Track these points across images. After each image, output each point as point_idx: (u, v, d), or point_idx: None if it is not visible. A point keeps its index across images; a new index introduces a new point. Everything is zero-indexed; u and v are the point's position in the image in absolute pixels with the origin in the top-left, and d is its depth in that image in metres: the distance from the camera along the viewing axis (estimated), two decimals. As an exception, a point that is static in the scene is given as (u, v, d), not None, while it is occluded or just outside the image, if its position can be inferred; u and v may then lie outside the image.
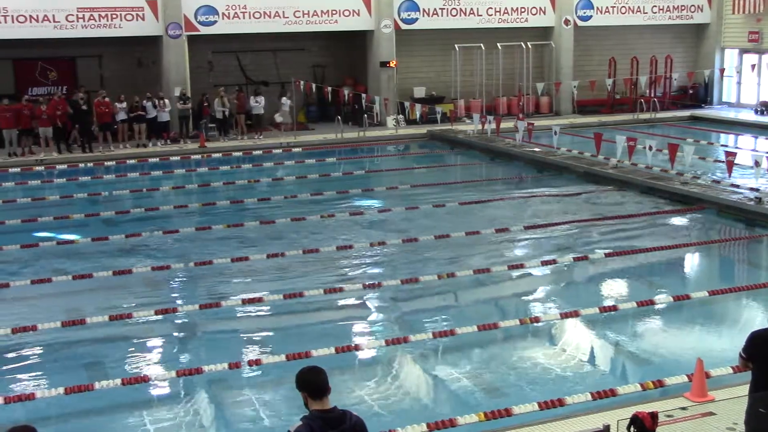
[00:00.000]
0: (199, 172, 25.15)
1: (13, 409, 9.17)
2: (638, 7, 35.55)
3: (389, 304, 13.25)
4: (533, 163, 24.57)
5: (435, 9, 33.12)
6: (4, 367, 10.81)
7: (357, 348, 10.98)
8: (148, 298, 13.39)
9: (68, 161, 26.44)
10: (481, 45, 33.37)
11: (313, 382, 5.45)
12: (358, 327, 12.33)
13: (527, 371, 10.35)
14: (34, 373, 10.66)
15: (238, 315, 12.60)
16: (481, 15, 33.60)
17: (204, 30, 30.40)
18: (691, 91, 36.48)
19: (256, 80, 33.49)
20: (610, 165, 22.01)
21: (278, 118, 30.33)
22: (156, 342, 11.84)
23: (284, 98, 30.44)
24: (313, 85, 31.62)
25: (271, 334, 12.02)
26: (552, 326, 11.88)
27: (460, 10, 33.35)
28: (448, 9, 33.26)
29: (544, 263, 14.69)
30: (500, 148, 26.53)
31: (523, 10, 34.15)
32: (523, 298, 13.44)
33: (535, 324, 11.80)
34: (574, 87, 34.47)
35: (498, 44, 33.54)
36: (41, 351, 11.33)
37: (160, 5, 29.52)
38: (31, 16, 28.12)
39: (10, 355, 11.16)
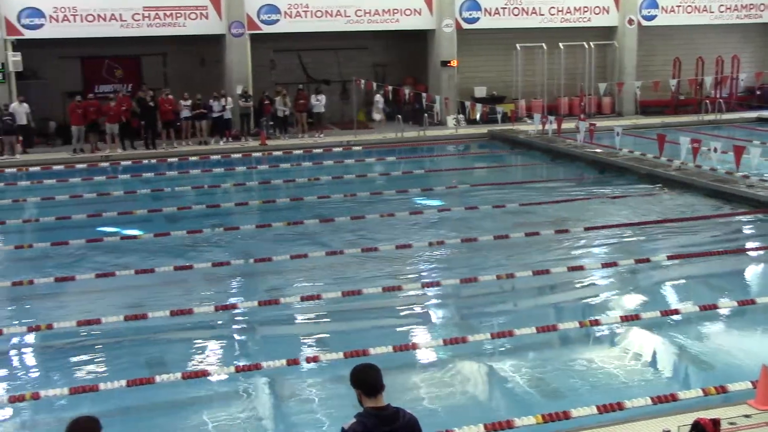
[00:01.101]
0: (259, 169, 25.38)
1: (77, 400, 9.33)
2: (705, 6, 34.97)
3: (447, 304, 13.22)
4: (594, 164, 24.30)
5: (497, 8, 32.97)
6: (70, 359, 11.02)
7: (415, 347, 10.96)
8: (208, 294, 13.54)
9: (132, 157, 26.89)
10: (543, 45, 33.12)
11: (367, 380, 5.45)
12: (416, 326, 12.32)
13: (586, 374, 10.24)
14: (97, 366, 10.86)
15: (297, 312, 12.67)
16: (543, 14, 33.37)
17: (266, 29, 30.66)
18: (758, 92, 35.72)
19: (317, 79, 33.67)
20: (674, 167, 21.69)
21: (376, 116, 30.39)
22: (215, 338, 11.95)
23: (378, 96, 30.46)
24: (374, 84, 31.67)
25: (329, 331, 12.06)
26: (612, 329, 11.72)
27: (522, 9, 33.15)
28: (509, 8, 33.09)
29: (605, 265, 14.52)
30: (561, 149, 26.30)
31: (586, 9, 33.83)
32: (583, 300, 13.31)
33: (595, 327, 11.65)
34: (637, 87, 34.03)
35: (560, 44, 33.26)
36: (104, 344, 11.52)
37: (224, 4, 29.85)
38: (99, 15, 28.66)
39: (75, 347, 11.38)
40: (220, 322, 12.32)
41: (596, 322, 11.75)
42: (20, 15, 28.18)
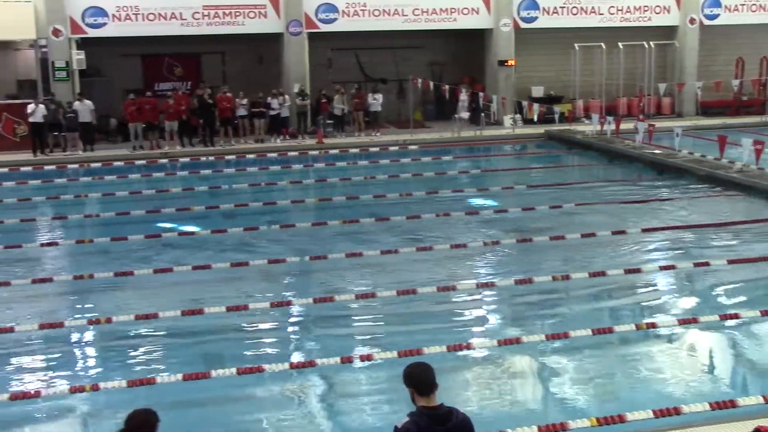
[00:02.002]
0: (316, 167, 25.49)
1: (135, 392, 9.47)
2: (770, 4, 34.29)
3: (502, 304, 13.16)
4: (653, 165, 23.97)
5: (555, 7, 32.73)
6: (128, 353, 11.20)
7: (468, 347, 10.91)
8: (263, 290, 13.65)
9: (191, 154, 27.20)
10: (602, 44, 32.77)
11: (420, 378, 5.45)
12: (470, 326, 12.29)
13: (642, 377, 10.11)
14: (154, 359, 11.01)
15: (351, 310, 12.71)
16: (602, 14, 33.05)
17: (324, 27, 30.81)
18: (824, 93, 34.96)
19: (374, 78, 33.73)
20: (735, 169, 21.32)
21: (464, 114, 30.41)
22: (270, 334, 12.04)
23: (463, 95, 30.47)
24: (431, 83, 31.63)
25: (382, 330, 12.08)
26: (670, 333, 11.56)
27: (581, 8, 32.86)
28: (568, 7, 32.83)
29: (663, 268, 14.32)
30: (619, 150, 26.01)
31: (646, 9, 33.41)
32: (640, 302, 13.15)
33: (652, 330, 11.50)
34: (698, 88, 33.52)
35: (619, 44, 32.88)
36: (161, 338, 11.68)
37: (282, 3, 30.07)
38: (160, 14, 29.06)
39: (133, 341, 11.56)
40: (275, 319, 12.41)
41: (653, 325, 11.60)
42: (84, 14, 28.70)
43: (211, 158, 26.71)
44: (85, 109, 27.34)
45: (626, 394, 9.63)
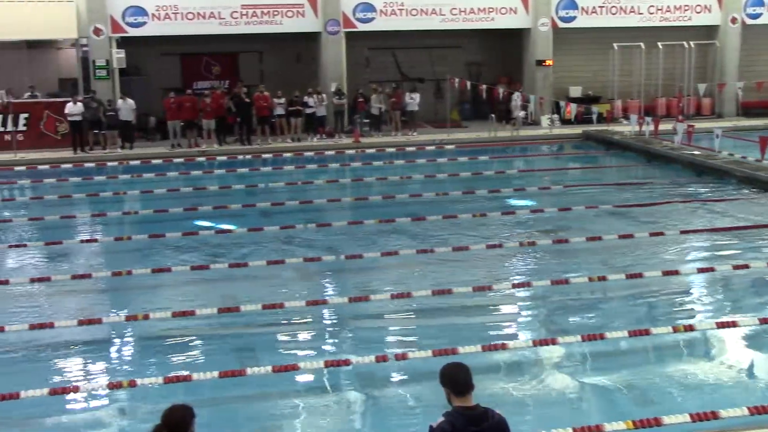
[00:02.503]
0: (352, 166, 25.53)
1: (171, 389, 9.54)
2: (817, 3, 33.78)
3: (538, 305, 13.10)
4: (692, 166, 23.74)
5: (594, 7, 32.53)
6: (164, 349, 11.29)
7: (504, 347, 10.87)
8: (299, 288, 13.70)
9: (228, 153, 27.38)
10: (641, 44, 32.52)
11: (457, 379, 5.44)
12: (506, 326, 12.26)
13: (679, 380, 10.01)
14: (190, 356, 11.10)
15: (387, 309, 12.71)
16: (641, 13, 32.79)
17: (362, 27, 30.87)
18: None
19: (411, 77, 33.73)
20: (776, 170, 21.06)
21: (520, 114, 30.36)
22: (306, 332, 12.10)
23: (516, 94, 30.40)
24: (468, 83, 31.55)
25: (418, 329, 12.08)
26: (707, 335, 11.44)
27: (620, 8, 32.63)
28: (607, 7, 32.61)
29: (701, 270, 14.16)
30: (658, 150, 25.78)
31: (686, 8, 33.09)
32: (677, 305, 13.01)
33: (690, 332, 11.39)
34: (739, 88, 33.14)
35: (659, 43, 32.60)
36: (198, 335, 11.78)
37: (320, 2, 30.18)
38: (198, 13, 29.28)
39: (170, 337, 11.65)
40: (310, 317, 12.45)
41: (690, 328, 11.49)
42: (125, 13, 29.00)
43: (248, 157, 26.86)
44: (126, 108, 27.64)
45: (663, 397, 9.55)
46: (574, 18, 32.57)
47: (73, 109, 27.00)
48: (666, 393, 9.68)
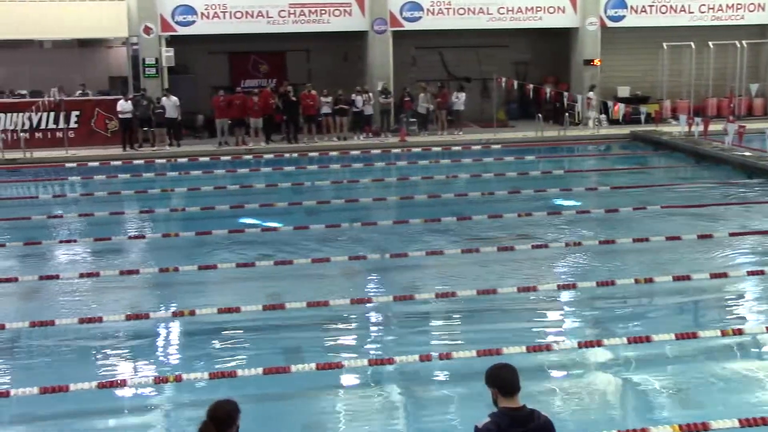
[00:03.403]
0: (398, 165, 25.53)
1: (216, 384, 9.63)
2: None
3: (583, 306, 13.00)
4: (742, 167, 23.37)
5: (643, 6, 32.18)
6: (210, 345, 11.39)
7: (548, 348, 10.82)
8: (344, 287, 13.75)
9: (275, 151, 27.55)
10: (692, 44, 32.12)
11: (504, 379, 5.43)
12: (551, 327, 12.18)
13: (727, 384, 9.88)
14: (236, 352, 11.19)
15: (431, 308, 12.70)
16: (692, 12, 32.37)
17: (409, 26, 30.87)
18: None
19: (457, 76, 33.66)
20: (829, 172, 20.68)
21: (592, 114, 30.20)
22: (350, 330, 12.12)
23: (591, 92, 30.22)
24: (515, 83, 31.40)
25: (462, 328, 12.06)
26: (757, 339, 11.27)
27: (670, 7, 32.24)
28: (657, 6, 32.25)
29: (750, 273, 13.94)
30: (707, 151, 25.44)
31: (739, 6, 32.60)
32: (726, 308, 12.82)
33: (738, 336, 11.21)
34: (793, 88, 32.59)
35: (710, 43, 32.16)
36: (243, 332, 11.86)
37: (367, 1, 30.26)
38: (246, 12, 29.50)
39: (215, 334, 11.75)
40: (355, 315, 12.47)
41: (739, 332, 11.30)
42: (174, 12, 29.31)
43: (295, 155, 26.99)
44: (171, 105, 27.95)
45: (710, 402, 9.42)
46: (623, 17, 32.26)
47: (125, 106, 27.37)
48: (714, 397, 9.56)
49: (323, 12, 30.15)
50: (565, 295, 13.27)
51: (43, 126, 28.30)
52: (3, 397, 9.46)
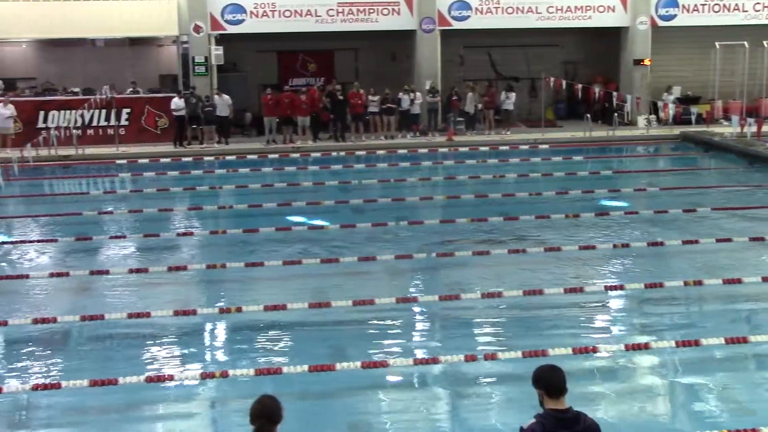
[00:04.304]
0: (445, 165, 25.48)
1: (261, 381, 9.69)
2: None
3: (630, 308, 12.88)
4: (797, 169, 23.02)
5: (695, 5, 31.73)
6: (256, 342, 11.48)
7: (595, 350, 10.73)
8: (390, 285, 13.75)
9: (322, 149, 27.65)
10: (745, 43, 31.59)
11: (551, 381, 5.40)
12: (597, 329, 12.07)
13: (778, 390, 9.74)
14: (281, 350, 11.25)
15: (477, 309, 12.66)
16: (746, 11, 31.86)
17: (457, 25, 30.80)
18: None
19: (505, 76, 33.50)
20: None
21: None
22: (395, 330, 12.10)
23: (667, 94, 29.97)
24: (563, 82, 31.17)
25: (508, 329, 12.00)
26: (809, 345, 11.09)
27: (723, 6, 31.77)
28: (710, 5, 31.78)
29: (804, 277, 13.72)
30: (760, 153, 25.02)
31: (797, 5, 31.98)
32: (778, 312, 12.65)
33: (790, 341, 11.05)
34: None
35: (764, 42, 31.62)
36: (289, 329, 11.91)
37: (416, 0, 30.18)
38: (295, 11, 29.65)
39: (261, 330, 11.84)
40: (400, 314, 12.47)
41: (792, 337, 11.14)
42: (224, 11, 29.55)
43: (342, 153, 27.06)
44: (222, 104, 28.18)
45: (761, 408, 9.27)
46: (674, 16, 31.86)
47: (179, 104, 27.67)
48: (764, 403, 9.41)
49: (371, 11, 30.19)
50: (613, 297, 13.16)
51: (94, 123, 28.70)
52: (54, 388, 9.64)
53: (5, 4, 28.73)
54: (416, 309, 12.73)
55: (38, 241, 17.17)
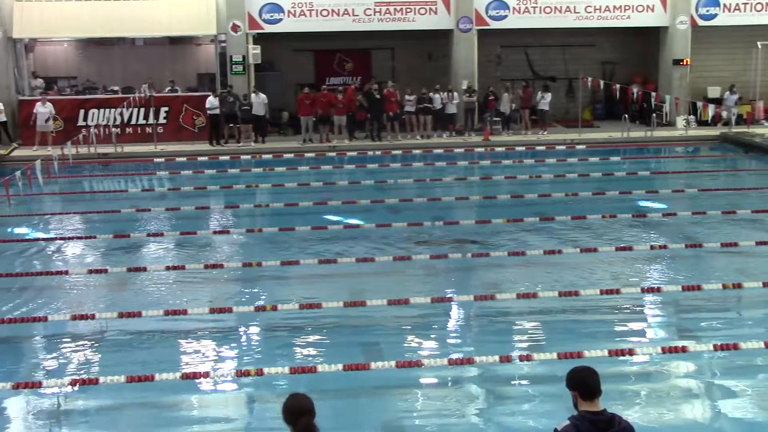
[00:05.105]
0: (481, 165, 25.42)
1: (296, 379, 9.73)
2: None
3: (668, 311, 12.78)
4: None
5: (737, 4, 31.34)
6: (291, 340, 11.52)
7: (631, 353, 10.64)
8: (425, 285, 13.75)
9: (358, 149, 27.69)
10: (788, 42, 31.18)
11: (586, 382, 5.38)
12: (634, 331, 11.98)
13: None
14: (316, 348, 11.28)
15: (512, 309, 12.61)
16: (790, 10, 31.40)
17: (494, 24, 30.69)
18: None
19: (543, 75, 33.34)
20: None
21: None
22: (430, 329, 12.10)
23: (730, 93, 29.84)
24: (601, 82, 30.93)
25: (543, 330, 11.94)
26: None
27: (766, 4, 31.33)
28: (752, 4, 31.37)
29: None
30: (802, 154, 24.73)
31: (842, 3, 31.47)
32: (818, 316, 12.47)
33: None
34: None
35: (807, 42, 31.20)
36: (324, 328, 11.95)
37: (453, 0, 30.14)
38: (332, 10, 29.71)
39: (297, 329, 11.88)
40: (435, 314, 12.47)
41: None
42: (262, 10, 29.69)
43: (378, 153, 27.07)
44: (259, 102, 28.33)
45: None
46: (714, 16, 31.50)
47: (213, 103, 27.86)
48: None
49: (409, 10, 30.18)
50: (649, 299, 13.06)
51: (133, 121, 28.98)
52: (92, 384, 9.75)
53: (47, 4, 29.09)
54: (451, 309, 12.72)
55: (77, 238, 17.39)
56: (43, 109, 27.45)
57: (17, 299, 13.21)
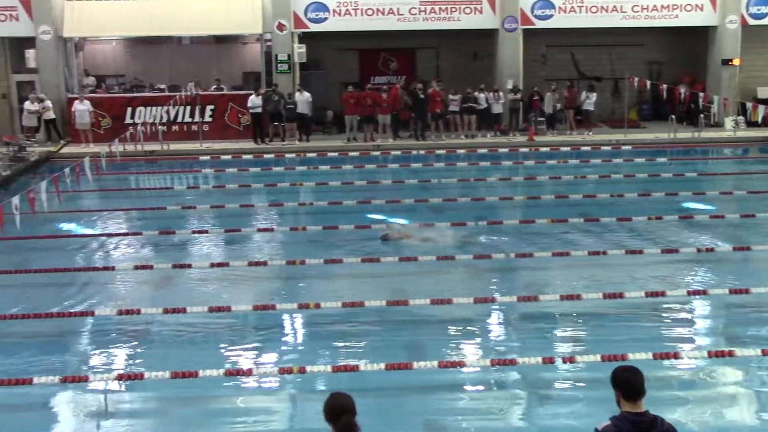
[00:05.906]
0: (525, 165, 25.29)
1: (338, 378, 9.77)
2: None
3: (714, 314, 12.62)
4: None
5: (791, 3, 30.84)
6: (333, 338, 11.55)
7: (676, 356, 10.52)
8: (468, 285, 13.71)
9: (402, 148, 27.68)
10: (843, 42, 30.63)
11: (630, 382, 5.35)
12: (679, 334, 11.84)
13: None
14: (359, 347, 11.30)
15: (555, 310, 12.53)
16: (843, 8, 30.85)
17: (539, 24, 30.54)
18: None
19: (588, 75, 33.09)
20: None
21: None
22: (472, 330, 12.07)
23: None
24: (648, 83, 30.61)
25: (587, 332, 11.87)
26: None
27: (818, 3, 30.81)
28: (807, 1, 30.84)
29: None
30: None
31: None
32: None
33: None
34: None
35: None
36: (366, 326, 11.97)
37: (498, -1, 30.07)
38: (378, 10, 29.77)
39: (339, 327, 11.91)
40: (477, 315, 12.43)
41: None
42: (307, 9, 29.84)
43: (422, 152, 27.05)
44: (303, 101, 28.46)
45: None
46: (766, 15, 31.02)
47: (255, 101, 28.06)
48: None
49: (454, 10, 30.14)
50: (696, 302, 12.91)
51: (179, 119, 29.28)
52: (137, 379, 9.89)
53: (97, 4, 29.50)
54: (494, 309, 12.66)
55: (124, 234, 17.59)
56: (81, 107, 27.88)
57: (65, 294, 13.40)
